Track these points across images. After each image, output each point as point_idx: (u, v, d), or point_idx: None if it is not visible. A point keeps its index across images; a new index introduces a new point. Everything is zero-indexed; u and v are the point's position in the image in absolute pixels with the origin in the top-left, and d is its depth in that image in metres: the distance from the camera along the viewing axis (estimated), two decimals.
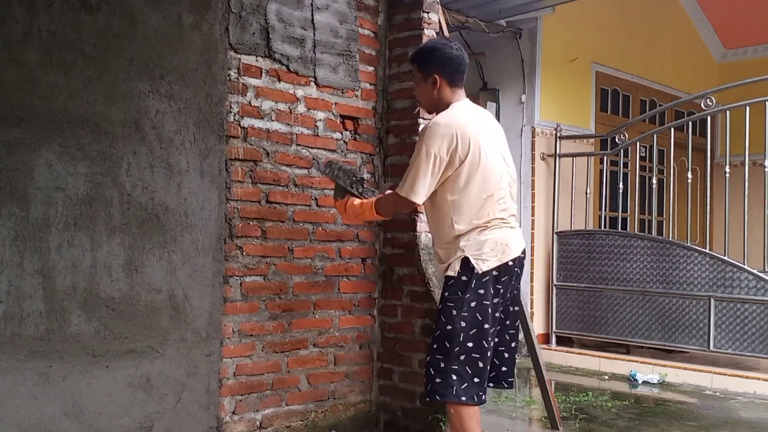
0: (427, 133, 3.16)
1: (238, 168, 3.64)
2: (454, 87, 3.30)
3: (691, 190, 6.31)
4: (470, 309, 3.11)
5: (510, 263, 3.19)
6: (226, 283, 3.59)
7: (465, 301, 3.12)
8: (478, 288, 3.13)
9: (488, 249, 3.14)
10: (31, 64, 2.99)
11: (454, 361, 3.10)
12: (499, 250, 3.16)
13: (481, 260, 3.13)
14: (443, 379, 3.10)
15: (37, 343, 2.99)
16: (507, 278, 3.21)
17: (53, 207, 3.03)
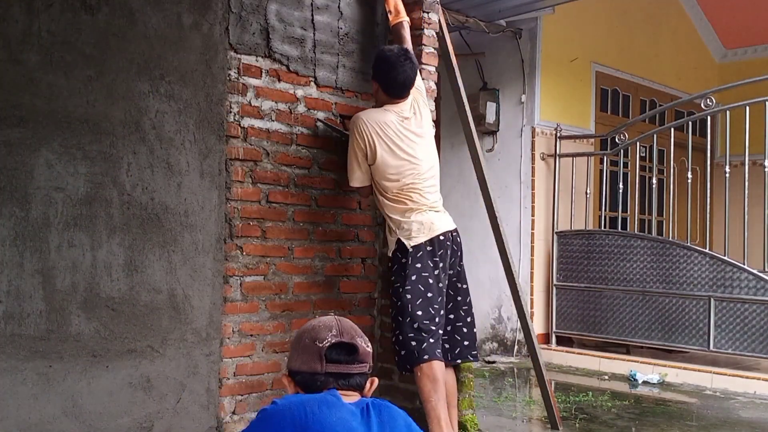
0: (350, 127, 3.75)
1: (238, 168, 3.64)
2: (390, 96, 3.74)
3: (691, 190, 6.31)
4: (412, 282, 3.59)
5: (441, 237, 3.69)
6: (226, 283, 3.59)
7: (406, 277, 3.59)
8: (415, 263, 3.62)
9: (415, 228, 3.66)
10: (31, 64, 2.99)
11: (409, 330, 3.56)
12: (426, 228, 3.67)
13: (411, 238, 3.64)
14: (406, 349, 3.56)
15: (37, 343, 2.99)
16: (442, 252, 3.69)
17: (53, 207, 3.03)
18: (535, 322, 6.58)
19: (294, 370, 1.79)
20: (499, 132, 7.19)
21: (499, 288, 6.87)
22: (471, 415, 4.10)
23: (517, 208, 7.01)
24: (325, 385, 1.74)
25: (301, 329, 1.84)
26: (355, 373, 1.77)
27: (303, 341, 1.79)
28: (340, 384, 1.74)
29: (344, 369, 1.75)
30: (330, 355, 1.74)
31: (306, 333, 1.80)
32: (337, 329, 1.78)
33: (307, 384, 1.75)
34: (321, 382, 1.74)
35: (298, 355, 1.78)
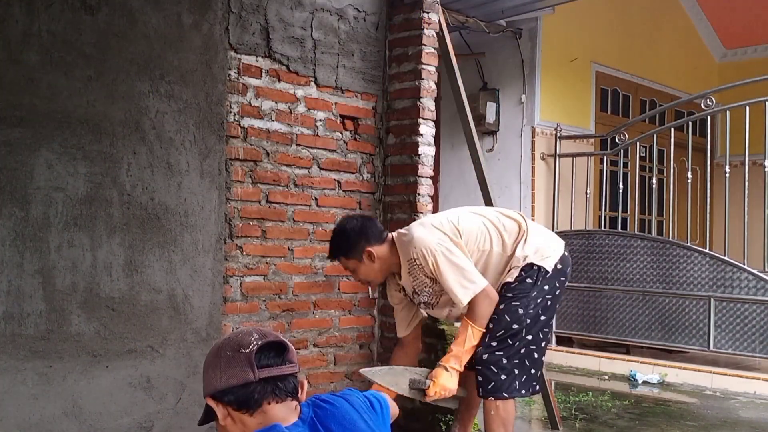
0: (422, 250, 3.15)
1: (238, 168, 3.64)
2: (383, 242, 3.27)
3: (691, 190, 6.31)
4: (536, 306, 3.21)
5: (566, 253, 3.38)
6: (226, 283, 3.59)
7: (531, 299, 3.21)
8: (544, 284, 3.24)
9: (544, 248, 3.28)
10: (31, 64, 2.99)
11: (515, 357, 3.19)
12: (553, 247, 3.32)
13: (545, 259, 3.26)
14: (507, 375, 3.17)
15: (37, 343, 2.99)
16: (570, 268, 3.40)
17: (53, 207, 3.03)
18: None
19: (221, 390, 1.59)
20: (499, 132, 7.19)
21: None
22: None
23: (517, 208, 7.00)
24: (262, 396, 1.55)
25: (215, 347, 1.64)
26: (289, 374, 1.59)
27: (223, 356, 1.59)
28: (277, 392, 1.56)
29: (277, 372, 1.57)
30: (259, 360, 1.56)
31: (224, 346, 1.61)
32: (257, 333, 1.61)
33: (241, 400, 1.56)
34: (258, 393, 1.55)
35: (222, 373, 1.59)
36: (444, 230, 3.20)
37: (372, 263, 3.25)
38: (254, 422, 1.56)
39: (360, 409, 1.69)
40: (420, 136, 4.15)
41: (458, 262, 3.13)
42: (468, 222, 3.29)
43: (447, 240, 3.16)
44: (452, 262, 3.12)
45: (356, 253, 3.24)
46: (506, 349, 3.17)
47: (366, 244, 3.23)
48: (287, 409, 1.58)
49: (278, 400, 1.57)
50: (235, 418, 1.59)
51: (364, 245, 3.23)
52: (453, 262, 3.12)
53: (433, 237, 3.16)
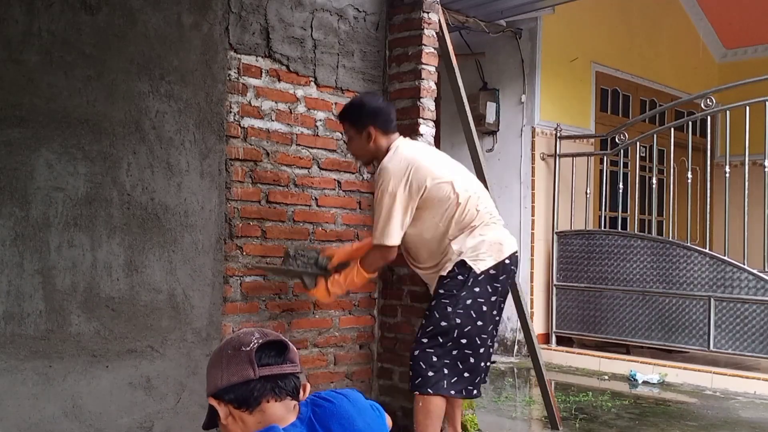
0: (382, 179, 3.32)
1: (238, 168, 3.64)
2: (388, 134, 3.47)
3: (691, 190, 6.31)
4: (465, 306, 3.26)
5: (507, 261, 3.38)
6: (226, 283, 3.59)
7: (460, 299, 3.27)
8: (474, 287, 3.28)
9: (485, 249, 3.31)
10: (31, 64, 2.99)
11: (446, 356, 3.26)
12: (495, 249, 3.34)
13: (479, 260, 3.30)
14: (435, 372, 3.25)
15: (37, 343, 2.99)
16: (504, 277, 3.37)
17: (53, 207, 3.03)
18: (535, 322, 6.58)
19: (222, 388, 1.59)
20: (499, 132, 7.20)
21: None
22: (471, 415, 4.10)
23: (517, 208, 7.01)
24: (261, 394, 1.57)
25: (217, 349, 1.67)
26: (289, 373, 1.61)
27: (224, 354, 1.61)
28: (277, 391, 1.58)
29: (278, 370, 1.59)
30: (260, 358, 1.58)
31: (226, 346, 1.63)
32: (259, 332, 1.63)
33: (241, 398, 1.57)
34: (257, 391, 1.56)
35: (223, 371, 1.60)
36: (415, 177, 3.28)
37: (367, 144, 3.45)
38: (253, 420, 1.57)
39: (359, 407, 1.69)
40: (420, 136, 4.14)
41: (392, 212, 3.27)
42: (441, 190, 3.33)
43: (402, 188, 3.27)
44: (389, 207, 3.27)
45: (360, 125, 3.44)
46: (437, 347, 3.27)
47: (371, 124, 3.42)
48: (286, 408, 1.59)
49: (277, 399, 1.58)
50: (235, 416, 1.60)
51: (369, 123, 3.42)
52: (389, 208, 3.27)
53: (396, 176, 3.28)
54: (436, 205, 3.33)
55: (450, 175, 3.38)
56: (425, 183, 3.30)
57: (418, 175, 3.30)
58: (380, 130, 3.44)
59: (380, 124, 3.44)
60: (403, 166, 3.31)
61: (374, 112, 3.44)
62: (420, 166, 3.32)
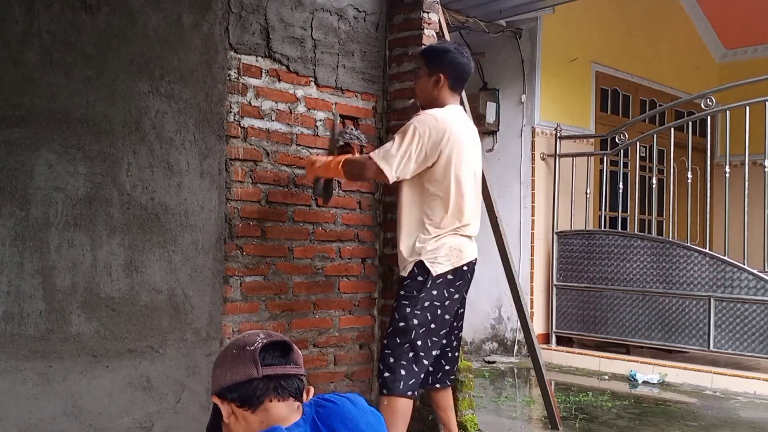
0: (421, 118, 3.31)
1: (238, 168, 3.64)
2: (453, 91, 3.45)
3: (691, 190, 6.31)
4: (423, 308, 3.29)
5: (465, 268, 3.38)
6: (226, 283, 3.59)
7: (419, 300, 3.30)
8: (432, 289, 3.31)
9: (443, 254, 3.32)
10: (31, 64, 2.99)
11: (404, 357, 3.28)
12: (454, 255, 3.33)
13: (437, 264, 3.32)
14: (392, 373, 3.28)
15: (37, 343, 2.99)
16: (461, 283, 3.39)
17: (53, 207, 3.03)
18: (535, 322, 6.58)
19: (226, 387, 1.60)
20: (499, 132, 7.20)
21: (499, 288, 6.86)
22: (471, 415, 4.10)
23: (517, 208, 7.01)
24: (264, 393, 1.57)
25: (222, 349, 1.68)
26: (293, 374, 1.62)
27: (229, 354, 1.62)
28: (280, 391, 1.59)
29: (281, 370, 1.60)
30: (264, 358, 1.59)
31: (231, 346, 1.65)
32: (264, 333, 1.64)
33: (245, 396, 1.58)
34: (260, 390, 1.57)
35: (227, 370, 1.61)
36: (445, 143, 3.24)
37: (433, 88, 3.41)
38: (256, 420, 1.58)
39: (361, 409, 1.70)
40: None
41: (406, 146, 3.22)
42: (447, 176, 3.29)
43: (427, 138, 3.22)
44: (405, 142, 3.23)
45: (433, 69, 3.40)
46: (394, 347, 3.30)
47: (444, 72, 3.38)
48: (289, 408, 1.59)
49: (280, 399, 1.59)
50: (238, 415, 1.60)
51: (443, 71, 3.38)
52: (405, 142, 3.23)
53: (431, 126, 3.24)
54: (433, 185, 3.30)
55: (463, 171, 3.34)
56: (444, 155, 3.26)
57: (448, 142, 3.26)
58: (449, 83, 3.41)
59: (452, 77, 3.40)
60: (442, 127, 3.26)
61: (453, 64, 3.40)
62: (454, 139, 3.28)
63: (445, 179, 3.29)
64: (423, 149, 3.24)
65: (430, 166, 3.27)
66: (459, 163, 3.31)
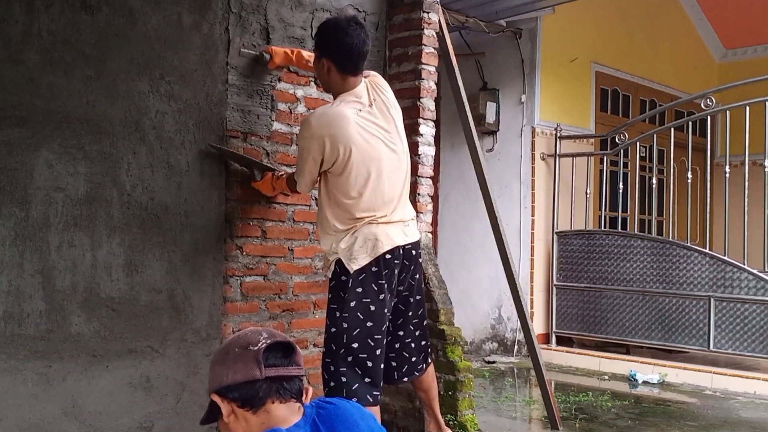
0: (303, 129, 3.13)
1: (238, 168, 3.64)
2: (345, 74, 3.13)
3: (691, 190, 6.31)
4: (350, 309, 3.08)
5: (387, 256, 3.12)
6: (226, 283, 3.59)
7: (345, 301, 3.10)
8: (356, 287, 3.09)
9: (357, 247, 3.10)
10: (31, 64, 2.99)
11: (341, 363, 3.09)
12: (369, 246, 3.09)
13: (353, 259, 3.09)
14: (335, 382, 3.09)
15: (37, 343, 2.99)
16: (388, 272, 3.13)
17: (53, 207, 3.03)
18: (535, 322, 6.58)
19: (226, 385, 1.58)
20: (499, 132, 7.19)
21: (499, 288, 6.86)
22: (471, 415, 4.10)
23: (517, 208, 7.01)
24: (268, 393, 1.56)
25: (223, 345, 1.65)
26: (295, 375, 1.61)
27: (231, 352, 1.60)
28: (282, 392, 1.58)
29: (284, 372, 1.58)
30: (267, 359, 1.57)
31: (233, 344, 1.62)
32: (266, 332, 1.62)
33: (246, 397, 1.57)
34: (263, 391, 1.56)
35: (228, 369, 1.59)
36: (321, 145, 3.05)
37: (323, 74, 3.17)
38: (257, 421, 1.57)
39: (362, 412, 1.70)
40: (420, 136, 4.15)
41: (301, 165, 3.17)
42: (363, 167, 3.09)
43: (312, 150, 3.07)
44: (299, 161, 3.19)
45: (320, 52, 3.16)
46: (332, 354, 3.11)
47: (326, 56, 3.12)
48: (290, 410, 1.59)
49: (282, 400, 1.58)
50: (238, 415, 1.59)
51: (326, 54, 3.13)
52: (299, 161, 3.19)
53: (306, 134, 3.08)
54: (337, 182, 3.12)
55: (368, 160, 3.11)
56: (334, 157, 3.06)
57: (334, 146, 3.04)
58: (336, 67, 3.11)
59: (338, 61, 3.10)
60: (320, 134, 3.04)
61: (336, 47, 3.10)
62: (345, 137, 3.04)
63: (346, 175, 3.07)
64: (314, 162, 3.10)
65: (329, 167, 3.11)
66: (361, 153, 3.06)
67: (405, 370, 3.37)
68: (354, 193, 3.09)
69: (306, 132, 3.09)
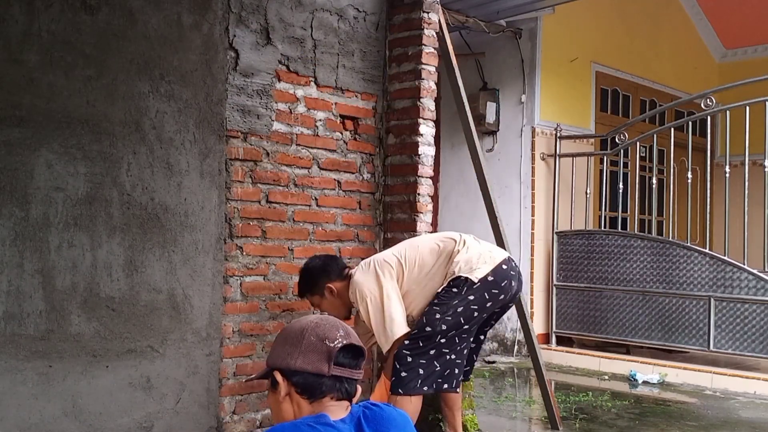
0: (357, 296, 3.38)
1: (238, 168, 3.64)
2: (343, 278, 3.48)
3: (691, 190, 6.30)
4: (455, 314, 3.30)
5: (504, 266, 3.41)
6: (226, 283, 3.59)
7: (451, 307, 3.31)
8: (469, 295, 3.31)
9: (475, 260, 3.37)
10: (31, 64, 2.99)
11: (422, 356, 3.30)
12: (487, 257, 3.40)
13: (474, 270, 3.34)
14: (408, 372, 3.28)
15: (37, 343, 2.99)
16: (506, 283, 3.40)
17: (53, 207, 3.03)
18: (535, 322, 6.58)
19: (294, 369, 1.63)
20: (499, 132, 7.19)
21: None
22: (471, 415, 4.10)
23: (517, 208, 7.00)
24: (329, 389, 1.62)
25: (300, 325, 1.69)
26: (356, 379, 1.66)
27: (307, 338, 1.64)
28: (341, 391, 1.64)
29: (348, 374, 1.64)
30: (338, 358, 1.63)
31: (310, 330, 1.66)
32: (343, 329, 1.67)
33: (308, 386, 1.62)
34: (325, 386, 1.62)
35: (300, 354, 1.63)
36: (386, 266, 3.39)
37: (334, 298, 3.48)
38: (309, 409, 1.63)
39: (403, 417, 1.74)
40: (420, 136, 4.15)
41: (386, 309, 3.32)
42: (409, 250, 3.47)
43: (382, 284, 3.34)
44: (379, 309, 3.33)
45: (319, 290, 3.49)
46: (414, 348, 3.30)
47: (327, 281, 3.47)
48: (340, 407, 1.64)
49: (338, 399, 1.64)
50: (293, 399, 1.65)
51: (325, 281, 3.47)
52: (380, 309, 3.30)
53: (367, 282, 3.37)
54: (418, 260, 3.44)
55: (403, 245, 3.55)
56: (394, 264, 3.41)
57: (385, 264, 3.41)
58: (337, 281, 3.48)
59: (334, 275, 3.49)
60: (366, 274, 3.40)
61: (322, 270, 3.49)
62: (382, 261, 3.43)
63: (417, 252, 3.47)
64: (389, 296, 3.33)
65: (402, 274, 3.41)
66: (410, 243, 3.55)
67: (468, 369, 3.66)
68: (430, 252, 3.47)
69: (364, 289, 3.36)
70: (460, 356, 3.41)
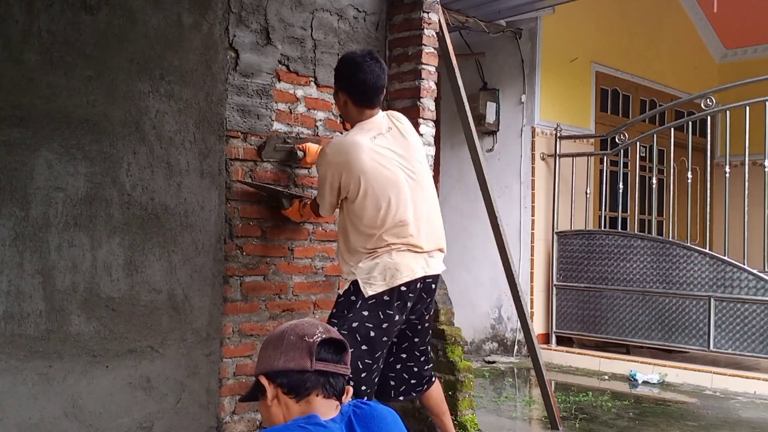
0: (320, 158, 3.32)
1: (238, 168, 3.64)
2: (362, 108, 3.27)
3: (691, 190, 6.31)
4: (351, 329, 3.11)
5: (403, 288, 3.15)
6: (226, 283, 3.59)
7: (348, 320, 3.14)
8: (363, 310, 3.15)
9: (377, 273, 3.15)
10: (31, 64, 2.99)
11: None
12: (388, 275, 3.14)
13: (369, 284, 3.15)
14: None
15: (37, 343, 2.99)
16: (400, 303, 3.17)
17: (53, 207, 3.03)
18: (535, 322, 6.58)
19: (277, 370, 1.64)
20: (499, 132, 7.20)
21: (499, 288, 6.86)
22: (471, 415, 4.10)
23: (517, 208, 7.01)
24: (314, 385, 1.63)
25: (280, 329, 1.70)
26: (341, 374, 1.67)
27: (287, 339, 1.66)
28: (327, 388, 1.64)
29: (332, 368, 1.65)
30: (319, 353, 1.64)
31: (289, 331, 1.68)
32: (322, 326, 1.68)
33: (293, 385, 1.63)
34: (310, 382, 1.63)
35: (282, 354, 1.64)
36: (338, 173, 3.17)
37: (341, 105, 3.36)
38: (298, 409, 1.64)
39: (393, 416, 1.74)
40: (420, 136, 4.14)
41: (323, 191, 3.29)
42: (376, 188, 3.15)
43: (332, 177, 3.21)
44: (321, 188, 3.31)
45: (337, 86, 3.35)
46: None
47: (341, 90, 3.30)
48: (329, 406, 1.65)
49: (325, 396, 1.65)
50: (281, 400, 1.66)
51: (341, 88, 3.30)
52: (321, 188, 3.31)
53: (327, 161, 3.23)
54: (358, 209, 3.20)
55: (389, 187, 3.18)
56: (355, 184, 3.15)
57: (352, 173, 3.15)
58: (352, 101, 3.27)
59: (354, 96, 3.25)
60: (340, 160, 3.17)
61: (351, 82, 3.24)
62: (364, 164, 3.14)
63: (363, 201, 3.15)
64: (332, 189, 3.24)
65: (347, 194, 3.21)
66: (377, 179, 3.14)
67: (403, 390, 3.46)
68: (373, 219, 3.16)
69: (323, 160, 3.27)
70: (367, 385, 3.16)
